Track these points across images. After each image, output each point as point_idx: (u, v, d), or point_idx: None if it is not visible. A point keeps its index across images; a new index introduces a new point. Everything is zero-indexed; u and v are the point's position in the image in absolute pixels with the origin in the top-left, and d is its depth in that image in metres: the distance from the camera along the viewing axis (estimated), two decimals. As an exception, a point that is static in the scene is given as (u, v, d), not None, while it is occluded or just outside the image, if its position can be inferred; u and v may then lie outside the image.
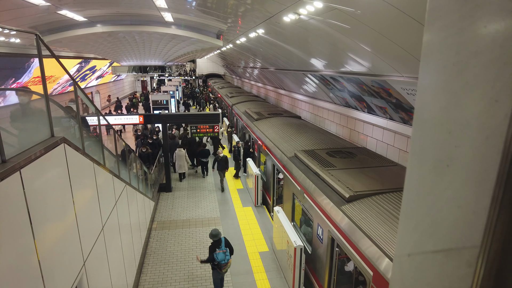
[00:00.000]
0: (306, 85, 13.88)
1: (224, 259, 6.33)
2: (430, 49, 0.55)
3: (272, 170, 10.37)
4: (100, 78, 30.20)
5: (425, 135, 0.57)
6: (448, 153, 0.52)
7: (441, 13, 0.51)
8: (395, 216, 4.95)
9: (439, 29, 0.52)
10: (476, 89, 0.46)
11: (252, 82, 29.35)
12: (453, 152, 0.51)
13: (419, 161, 0.59)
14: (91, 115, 6.95)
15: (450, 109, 0.51)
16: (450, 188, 0.52)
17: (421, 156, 0.58)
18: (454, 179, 0.51)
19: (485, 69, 0.45)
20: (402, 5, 4.37)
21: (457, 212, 0.50)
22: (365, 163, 7.34)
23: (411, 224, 0.62)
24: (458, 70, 0.49)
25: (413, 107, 7.09)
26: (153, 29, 13.36)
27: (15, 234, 2.43)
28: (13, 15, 9.37)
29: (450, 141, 0.51)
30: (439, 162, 0.54)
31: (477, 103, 0.46)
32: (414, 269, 0.60)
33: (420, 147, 0.58)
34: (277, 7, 7.03)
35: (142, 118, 11.97)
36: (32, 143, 2.98)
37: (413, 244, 0.61)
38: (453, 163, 0.51)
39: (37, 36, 3.30)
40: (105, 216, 4.84)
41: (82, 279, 3.70)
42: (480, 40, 0.45)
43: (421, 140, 0.58)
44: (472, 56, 0.46)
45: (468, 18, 0.46)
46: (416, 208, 0.60)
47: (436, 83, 0.54)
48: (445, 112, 0.52)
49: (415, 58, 5.48)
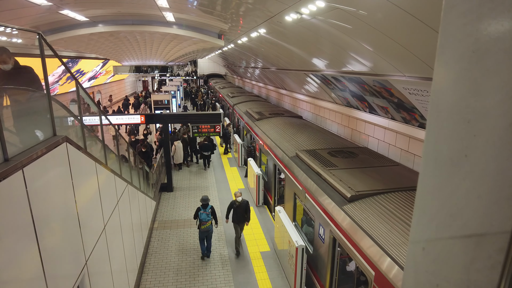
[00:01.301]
0: (307, 85, 13.87)
1: (205, 219, 7.94)
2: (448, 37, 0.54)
3: (274, 170, 10.36)
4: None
5: (441, 125, 0.56)
6: (467, 142, 0.51)
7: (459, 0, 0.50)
8: (397, 216, 4.94)
9: (458, 16, 0.50)
10: (497, 76, 0.45)
11: (253, 82, 29.35)
12: (472, 142, 0.50)
13: (435, 152, 0.58)
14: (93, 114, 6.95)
15: (468, 98, 0.50)
16: (469, 178, 0.51)
17: (437, 147, 0.57)
18: (473, 169, 0.50)
19: (507, 55, 0.44)
20: (404, 5, 4.35)
21: (477, 202, 0.49)
22: (367, 163, 7.32)
23: (426, 216, 0.60)
24: (478, 57, 0.48)
25: (415, 107, 7.07)
26: (155, 29, 13.37)
27: (17, 233, 2.43)
28: (15, 14, 9.38)
29: (468, 131, 0.50)
30: (457, 152, 0.53)
31: (498, 90, 0.45)
32: (429, 261, 0.58)
33: (436, 138, 0.57)
34: (279, 7, 7.02)
35: (144, 118, 11.97)
36: (34, 142, 2.98)
37: (428, 236, 0.60)
38: (472, 153, 0.50)
39: (40, 35, 3.30)
40: (106, 216, 4.83)
41: (84, 278, 3.70)
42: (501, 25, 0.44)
43: (437, 131, 0.57)
44: (493, 42, 0.45)
45: (488, 3, 0.45)
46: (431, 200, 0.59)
47: (454, 71, 0.53)
48: (463, 101, 0.51)
49: (417, 57, 5.46)
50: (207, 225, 7.99)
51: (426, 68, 5.52)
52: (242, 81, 35.71)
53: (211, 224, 8.08)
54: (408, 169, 7.27)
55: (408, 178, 6.45)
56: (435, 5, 4.03)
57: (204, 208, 7.99)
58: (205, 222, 7.94)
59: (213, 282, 7.29)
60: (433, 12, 4.17)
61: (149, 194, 9.76)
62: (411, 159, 8.22)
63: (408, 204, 5.23)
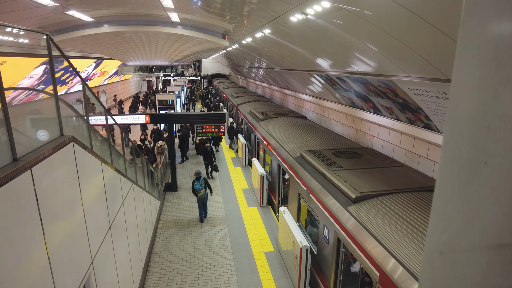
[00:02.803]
0: (311, 85, 13.85)
1: (199, 189, 9.92)
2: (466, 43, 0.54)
3: (278, 170, 10.36)
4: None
5: (459, 132, 0.56)
6: (485, 149, 0.51)
7: (479, 6, 0.50)
8: (402, 218, 4.92)
9: (477, 22, 0.51)
10: None
11: (257, 82, 29.36)
12: (491, 148, 0.50)
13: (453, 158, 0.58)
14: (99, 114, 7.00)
15: (488, 105, 0.50)
16: (488, 185, 0.51)
17: (455, 153, 0.57)
18: (492, 175, 0.50)
19: None
20: (410, 5, 4.34)
21: (496, 209, 0.49)
22: (372, 163, 7.30)
23: (443, 222, 0.60)
24: (497, 64, 0.48)
25: (420, 107, 7.04)
26: (160, 29, 13.41)
27: (25, 231, 2.45)
28: (22, 15, 9.46)
29: (487, 137, 0.50)
30: (475, 159, 0.53)
31: None
32: (448, 267, 0.58)
33: (454, 144, 0.57)
34: (284, 7, 7.02)
35: (149, 118, 12.02)
36: (42, 142, 3.01)
37: (445, 241, 0.60)
38: (491, 159, 0.50)
39: (48, 36, 3.33)
40: (112, 215, 4.86)
41: (90, 277, 3.72)
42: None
43: (455, 137, 0.57)
44: None
45: (508, 11, 0.45)
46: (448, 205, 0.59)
47: (472, 77, 0.53)
48: (482, 108, 0.51)
49: (423, 58, 5.44)
50: (201, 193, 9.97)
51: (432, 68, 5.50)
52: (246, 81, 35.73)
53: (205, 191, 10.04)
54: (413, 170, 7.24)
55: (413, 179, 6.42)
56: (441, 6, 4.01)
57: (197, 180, 9.97)
58: (199, 190, 9.93)
59: (217, 282, 7.31)
60: (438, 12, 4.15)
61: (154, 193, 9.80)
62: (416, 160, 8.19)
63: (413, 205, 5.21)
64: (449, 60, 5.03)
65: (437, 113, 6.69)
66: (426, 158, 7.77)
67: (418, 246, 4.26)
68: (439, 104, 6.31)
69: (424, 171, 7.74)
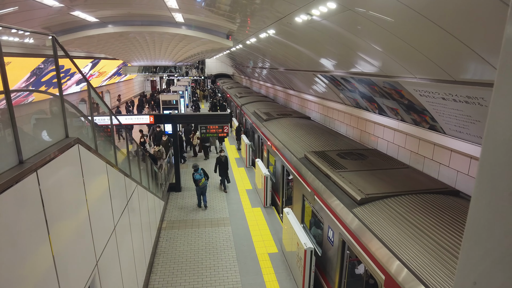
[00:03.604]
0: (315, 86, 13.80)
1: (199, 178, 10.86)
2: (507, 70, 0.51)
3: (282, 171, 10.33)
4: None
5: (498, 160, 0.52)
6: None
7: None
8: (408, 220, 4.88)
9: None
10: None
11: (261, 82, 29.32)
12: None
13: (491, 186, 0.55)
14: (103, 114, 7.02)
15: None
16: None
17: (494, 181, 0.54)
18: None
19: None
20: (415, 5, 4.30)
21: None
22: (376, 165, 7.26)
23: (478, 252, 0.58)
24: None
25: (426, 108, 6.99)
26: (164, 30, 13.43)
27: (31, 233, 2.45)
28: (27, 16, 9.51)
29: None
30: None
31: None
32: None
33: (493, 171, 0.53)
34: (289, 8, 6.99)
35: (153, 118, 12.04)
36: (48, 144, 3.01)
37: (481, 272, 0.57)
38: None
39: (53, 37, 3.34)
40: (117, 216, 4.87)
41: (95, 279, 3.73)
42: None
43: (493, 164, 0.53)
44: None
45: None
46: (486, 234, 0.56)
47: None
48: None
49: (428, 59, 5.39)
50: (202, 181, 10.83)
51: (438, 69, 5.45)
52: (250, 81, 35.70)
53: (205, 180, 10.94)
54: (418, 171, 7.19)
55: (418, 181, 6.37)
56: (447, 6, 3.97)
57: (196, 172, 10.91)
58: (199, 180, 10.85)
59: (221, 283, 7.30)
60: (444, 12, 4.11)
61: (158, 194, 9.81)
62: (421, 162, 8.13)
63: (419, 208, 5.17)
64: (455, 61, 4.98)
65: (442, 115, 6.63)
66: (432, 160, 7.71)
67: (424, 249, 4.22)
68: (445, 105, 6.26)
69: (429, 173, 7.69)
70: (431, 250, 4.16)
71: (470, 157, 6.54)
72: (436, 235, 4.41)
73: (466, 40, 4.23)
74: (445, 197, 5.59)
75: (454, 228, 4.53)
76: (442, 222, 4.70)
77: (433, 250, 4.14)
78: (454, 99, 5.79)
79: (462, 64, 4.93)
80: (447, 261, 3.92)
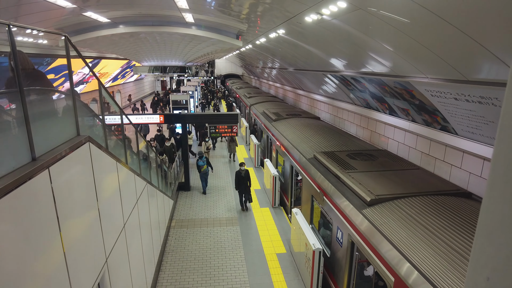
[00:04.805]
0: (325, 86, 13.73)
1: (202, 165, 12.05)
2: None
3: (290, 172, 10.30)
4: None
5: None
6: None
7: None
8: (418, 222, 4.81)
9: None
10: None
11: (270, 83, 29.30)
12: None
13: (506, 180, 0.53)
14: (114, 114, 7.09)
15: None
16: None
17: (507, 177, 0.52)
18: None
19: None
20: (428, 4, 4.23)
21: None
22: (386, 166, 7.18)
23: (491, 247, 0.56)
24: None
25: (437, 109, 6.88)
26: (174, 30, 13.53)
27: (43, 229, 2.49)
28: (41, 17, 9.69)
29: None
30: None
31: None
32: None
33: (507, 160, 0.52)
34: (299, 7, 6.96)
35: (163, 118, 12.13)
36: (59, 142, 3.06)
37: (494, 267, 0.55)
38: None
39: (66, 37, 3.38)
40: (126, 214, 4.91)
41: (105, 276, 3.77)
42: None
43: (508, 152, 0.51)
44: None
45: None
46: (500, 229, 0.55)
47: None
48: None
49: (441, 58, 5.31)
50: (204, 168, 12.07)
51: (450, 69, 5.36)
52: (259, 82, 35.71)
53: (207, 168, 12.22)
54: (429, 173, 7.09)
55: (429, 182, 6.28)
56: (459, 4, 3.90)
57: (200, 159, 12.14)
58: (202, 166, 12.03)
59: (229, 282, 7.31)
60: (458, 11, 4.04)
61: (167, 193, 9.88)
62: (432, 163, 8.01)
63: (429, 209, 5.09)
64: (468, 60, 4.89)
65: (455, 115, 6.53)
66: (443, 161, 7.59)
67: (435, 251, 4.15)
68: (457, 106, 6.15)
69: (440, 174, 7.57)
70: (442, 252, 4.09)
71: (483, 158, 6.41)
72: (448, 237, 4.34)
73: (480, 39, 4.14)
74: (456, 199, 5.50)
75: (466, 230, 4.45)
76: (453, 224, 4.62)
77: (445, 253, 4.07)
78: (467, 99, 5.69)
79: (476, 64, 4.84)
80: (458, 263, 3.85)
